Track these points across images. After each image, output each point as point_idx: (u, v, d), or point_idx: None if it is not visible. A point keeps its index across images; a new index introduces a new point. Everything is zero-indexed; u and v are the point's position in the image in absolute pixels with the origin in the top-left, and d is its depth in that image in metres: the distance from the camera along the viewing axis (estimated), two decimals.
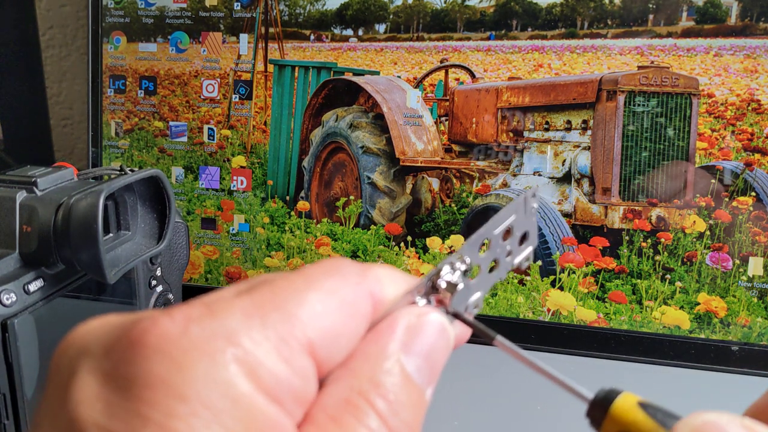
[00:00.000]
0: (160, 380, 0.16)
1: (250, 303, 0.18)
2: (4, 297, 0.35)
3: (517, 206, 0.23)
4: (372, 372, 0.19)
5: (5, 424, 0.36)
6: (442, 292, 0.21)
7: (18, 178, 0.39)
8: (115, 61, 0.71)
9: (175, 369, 0.16)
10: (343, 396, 0.18)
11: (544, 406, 0.54)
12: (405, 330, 0.19)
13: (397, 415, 0.18)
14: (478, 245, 0.22)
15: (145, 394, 0.16)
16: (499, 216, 0.22)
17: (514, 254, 0.23)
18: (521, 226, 0.23)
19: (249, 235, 0.69)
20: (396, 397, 0.18)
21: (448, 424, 0.51)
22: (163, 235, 0.42)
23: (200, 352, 0.17)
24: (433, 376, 0.20)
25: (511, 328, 0.62)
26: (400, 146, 0.65)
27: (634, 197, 0.60)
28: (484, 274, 0.22)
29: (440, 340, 0.20)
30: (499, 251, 0.23)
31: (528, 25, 0.62)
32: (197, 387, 0.16)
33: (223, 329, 0.17)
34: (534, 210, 0.23)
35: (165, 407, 0.16)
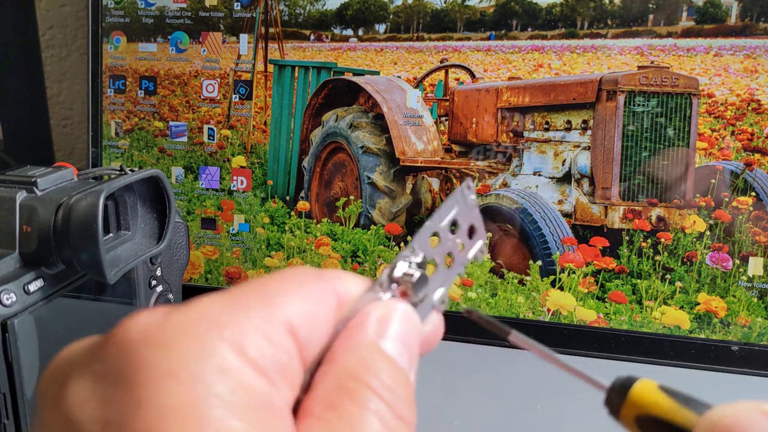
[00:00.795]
0: (148, 363, 0.16)
1: (228, 294, 0.19)
2: (4, 297, 0.35)
3: (456, 198, 0.24)
4: (359, 358, 0.19)
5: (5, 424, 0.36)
6: (403, 284, 0.22)
7: (18, 178, 0.39)
8: (115, 61, 0.71)
9: (160, 351, 0.17)
10: (337, 384, 0.19)
11: (544, 406, 0.54)
12: (377, 320, 0.20)
13: (393, 392, 0.19)
14: (426, 238, 0.23)
15: (135, 378, 0.16)
16: (441, 209, 0.23)
17: (467, 248, 0.24)
18: (465, 219, 0.24)
19: (249, 235, 0.69)
20: (387, 376, 0.19)
21: (448, 424, 0.51)
22: (163, 235, 0.42)
23: (184, 333, 0.17)
24: (412, 359, 0.21)
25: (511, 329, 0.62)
26: (400, 146, 0.65)
27: (634, 197, 0.60)
28: (442, 269, 0.23)
29: (410, 325, 0.21)
30: (451, 245, 0.24)
31: (528, 25, 0.62)
32: (186, 364, 0.16)
33: (204, 314, 0.18)
34: (473, 201, 0.24)
35: (156, 386, 0.16)
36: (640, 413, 0.19)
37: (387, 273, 0.22)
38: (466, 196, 0.24)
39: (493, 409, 0.54)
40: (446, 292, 0.23)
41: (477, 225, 0.24)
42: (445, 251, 0.23)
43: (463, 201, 0.24)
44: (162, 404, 0.16)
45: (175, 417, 0.16)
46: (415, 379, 0.21)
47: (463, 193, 0.24)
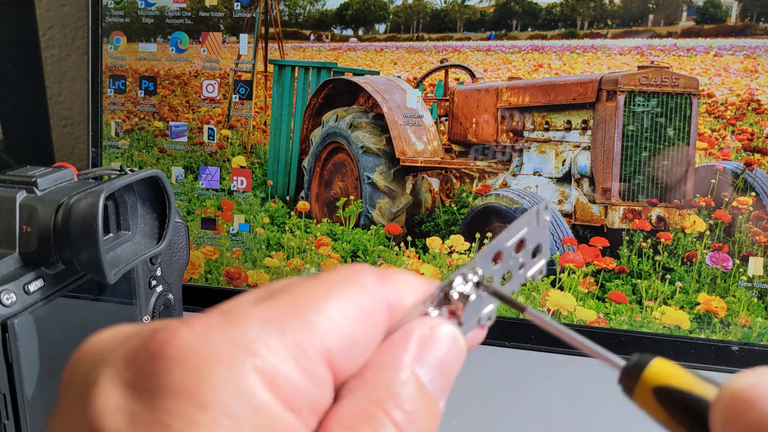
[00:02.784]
0: (181, 389, 0.16)
1: (268, 310, 0.18)
2: (4, 297, 0.35)
3: (530, 218, 0.23)
4: (388, 383, 0.19)
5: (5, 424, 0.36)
6: (455, 302, 0.21)
7: (18, 178, 0.39)
8: (115, 61, 0.71)
9: (195, 378, 0.17)
10: (360, 407, 0.18)
11: (544, 407, 0.54)
12: (418, 341, 0.19)
13: (414, 425, 0.18)
14: (490, 257, 0.22)
15: (166, 403, 0.16)
16: (512, 228, 0.22)
17: (527, 267, 0.23)
18: (534, 239, 0.23)
19: (249, 235, 0.69)
20: (412, 407, 0.19)
21: (448, 424, 0.51)
22: (163, 235, 0.42)
23: (219, 361, 0.17)
24: (446, 387, 0.20)
25: (512, 328, 0.62)
26: (400, 146, 0.65)
27: (634, 197, 0.60)
28: (497, 286, 0.22)
29: (452, 352, 0.20)
30: (512, 263, 0.23)
31: (528, 25, 0.62)
32: (217, 396, 0.16)
33: (241, 338, 0.17)
34: (546, 222, 0.23)
35: (186, 415, 0.16)
36: (659, 384, 0.19)
37: (441, 288, 0.21)
38: (541, 216, 0.23)
39: (493, 410, 0.54)
40: (495, 308, 0.22)
41: (543, 245, 0.23)
42: (504, 270, 0.23)
43: (536, 221, 0.23)
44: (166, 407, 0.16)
45: None
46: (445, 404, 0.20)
47: (538, 213, 0.23)
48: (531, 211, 0.23)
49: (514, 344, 0.62)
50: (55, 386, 0.38)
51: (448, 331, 0.20)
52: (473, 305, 0.21)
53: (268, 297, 0.18)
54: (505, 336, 0.62)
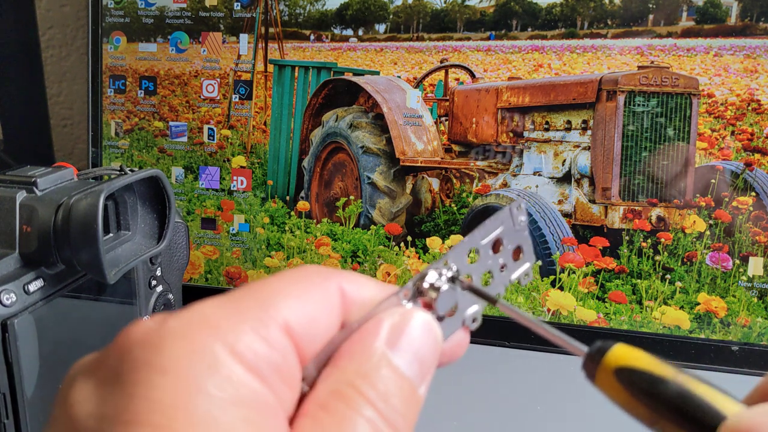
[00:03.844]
0: (142, 362, 0.17)
1: (225, 297, 0.19)
2: (4, 297, 0.35)
3: (503, 218, 0.23)
4: (359, 366, 0.19)
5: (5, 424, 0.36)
6: (427, 294, 0.21)
7: (18, 178, 0.39)
8: (115, 61, 0.71)
9: (154, 351, 0.17)
10: (333, 388, 0.19)
11: (544, 406, 0.54)
12: (390, 328, 0.20)
13: (388, 403, 0.19)
14: (464, 253, 0.22)
15: (129, 377, 0.17)
16: (485, 226, 0.22)
17: (510, 269, 0.23)
18: (512, 240, 0.23)
19: (249, 235, 0.69)
20: (386, 387, 0.19)
21: (448, 424, 0.51)
22: (163, 235, 0.42)
23: (178, 335, 0.18)
24: (424, 372, 0.20)
25: (511, 328, 0.62)
26: (400, 146, 0.65)
27: (634, 197, 0.60)
28: (474, 283, 0.22)
29: (426, 338, 0.20)
30: (491, 263, 0.23)
31: (528, 25, 0.62)
32: (177, 361, 0.17)
33: (199, 316, 0.18)
34: (523, 223, 0.23)
35: (147, 382, 0.17)
36: (620, 365, 0.19)
37: (414, 281, 0.21)
38: (515, 216, 0.23)
39: (493, 410, 0.54)
40: (480, 310, 0.23)
41: (525, 247, 0.24)
42: (483, 269, 0.23)
43: (511, 221, 0.23)
44: (152, 398, 0.17)
45: (163, 409, 0.17)
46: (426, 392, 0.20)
47: (511, 212, 0.23)
48: (504, 210, 0.23)
49: (514, 344, 0.62)
50: (55, 386, 0.38)
51: (421, 318, 0.20)
52: (446, 299, 0.21)
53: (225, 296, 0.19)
54: (505, 336, 0.62)
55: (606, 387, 0.20)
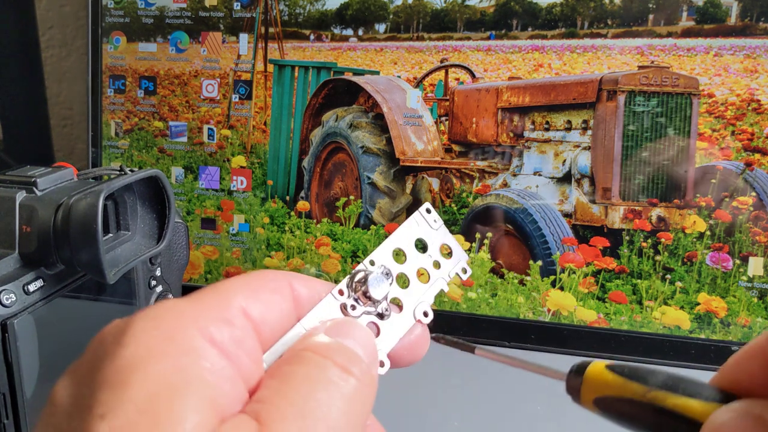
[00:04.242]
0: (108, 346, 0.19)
1: (187, 296, 0.21)
2: (4, 297, 0.35)
3: (417, 220, 0.25)
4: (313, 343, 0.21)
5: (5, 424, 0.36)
6: (359, 290, 0.23)
7: (18, 178, 0.39)
8: (114, 61, 0.71)
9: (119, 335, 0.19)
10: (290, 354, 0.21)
11: (544, 407, 0.54)
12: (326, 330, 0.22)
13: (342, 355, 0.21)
14: (386, 254, 0.24)
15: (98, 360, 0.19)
16: (401, 229, 0.25)
17: (445, 265, 0.26)
18: (435, 240, 0.26)
19: (249, 235, 0.69)
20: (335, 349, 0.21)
21: (448, 424, 0.51)
22: (163, 235, 0.42)
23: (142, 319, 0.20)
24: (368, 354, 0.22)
25: (511, 328, 0.62)
26: (400, 146, 0.65)
27: (635, 197, 0.60)
28: (417, 284, 0.25)
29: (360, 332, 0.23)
30: (421, 261, 0.25)
31: (528, 25, 0.62)
32: (138, 338, 0.19)
33: (162, 307, 0.20)
34: (438, 223, 0.26)
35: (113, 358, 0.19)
36: (596, 396, 0.20)
37: (346, 281, 0.24)
38: (428, 219, 0.26)
39: (493, 410, 0.54)
40: (428, 306, 0.25)
41: (452, 245, 0.26)
42: (415, 267, 0.25)
43: (426, 224, 0.26)
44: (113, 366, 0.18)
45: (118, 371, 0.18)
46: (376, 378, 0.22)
47: (422, 215, 0.25)
48: (414, 214, 0.25)
49: (514, 344, 0.62)
50: None
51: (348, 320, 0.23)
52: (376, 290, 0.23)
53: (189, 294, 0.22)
54: (505, 336, 0.62)
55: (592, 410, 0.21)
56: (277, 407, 0.19)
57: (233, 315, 0.21)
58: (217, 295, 0.21)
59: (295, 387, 0.19)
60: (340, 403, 0.19)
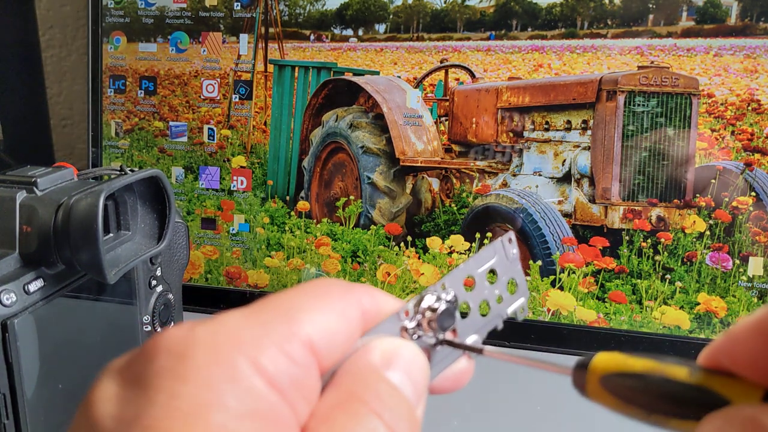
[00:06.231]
0: (165, 369, 0.18)
1: (251, 310, 0.19)
2: (4, 297, 0.35)
3: (496, 248, 0.24)
4: (358, 379, 0.20)
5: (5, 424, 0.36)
6: (426, 315, 0.22)
7: (18, 178, 0.39)
8: (115, 61, 0.71)
9: (179, 359, 0.18)
10: (335, 401, 0.19)
11: (544, 407, 0.54)
12: (381, 352, 0.21)
13: (394, 412, 0.19)
14: (459, 279, 0.23)
15: (152, 382, 0.18)
16: (480, 255, 0.24)
17: (506, 301, 0.25)
18: (505, 271, 0.24)
19: (249, 235, 0.69)
20: (386, 397, 0.19)
21: (448, 424, 0.51)
22: (163, 235, 0.42)
23: (203, 344, 0.18)
24: (418, 392, 0.21)
25: (511, 329, 0.62)
26: (400, 146, 0.65)
27: (634, 197, 0.60)
28: (476, 315, 0.24)
29: (416, 361, 0.21)
30: (487, 293, 0.24)
31: (528, 25, 0.62)
32: (199, 371, 0.18)
33: (225, 328, 0.19)
34: (514, 256, 0.24)
35: (168, 389, 0.17)
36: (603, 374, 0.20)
37: (414, 302, 0.22)
38: (507, 249, 0.24)
39: (493, 410, 0.54)
40: (479, 339, 0.24)
41: (519, 281, 0.25)
42: (480, 298, 0.24)
43: (503, 253, 0.24)
44: (172, 405, 0.17)
45: (181, 417, 0.17)
46: (422, 415, 0.21)
47: (503, 244, 0.24)
48: (496, 241, 0.24)
49: (514, 344, 0.62)
50: (55, 386, 0.38)
51: (410, 345, 0.21)
52: (445, 319, 0.22)
53: (251, 308, 0.20)
54: (505, 336, 0.62)
55: (598, 397, 0.20)
56: None
57: (296, 350, 0.19)
58: (284, 320, 0.19)
59: None
60: None
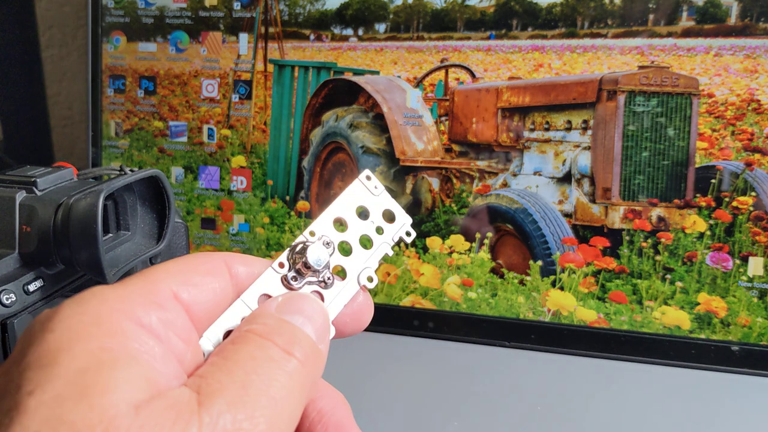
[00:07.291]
0: (35, 333, 0.19)
1: (116, 282, 0.22)
2: (4, 297, 0.35)
3: (353, 190, 0.26)
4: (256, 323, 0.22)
5: None
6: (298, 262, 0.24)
7: (18, 178, 0.39)
8: (114, 61, 0.71)
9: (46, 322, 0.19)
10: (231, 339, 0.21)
11: (544, 407, 0.54)
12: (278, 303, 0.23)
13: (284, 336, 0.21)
14: (326, 223, 0.25)
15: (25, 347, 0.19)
16: (341, 198, 0.25)
17: (389, 230, 0.26)
18: (377, 207, 0.26)
19: (249, 235, 0.69)
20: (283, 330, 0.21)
21: (448, 424, 0.51)
22: (163, 235, 0.42)
23: (67, 306, 0.20)
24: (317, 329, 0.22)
25: (511, 328, 0.62)
26: (400, 146, 0.65)
27: (635, 197, 0.60)
28: (360, 251, 0.25)
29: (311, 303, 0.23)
30: (364, 229, 0.25)
31: (528, 24, 0.62)
32: (64, 322, 0.19)
33: (87, 294, 0.20)
34: (380, 189, 0.26)
35: (40, 342, 0.19)
36: None
37: (286, 254, 0.24)
38: (367, 186, 0.26)
39: (493, 410, 0.54)
40: (372, 271, 0.25)
41: (395, 210, 0.26)
42: (357, 235, 0.25)
43: (366, 190, 0.26)
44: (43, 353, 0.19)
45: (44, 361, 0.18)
46: (327, 349, 0.23)
47: (362, 182, 0.26)
48: (355, 180, 0.26)
49: (514, 344, 0.62)
50: None
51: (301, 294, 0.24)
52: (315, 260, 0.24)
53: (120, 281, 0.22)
54: (505, 336, 0.62)
55: None
56: (218, 380, 0.19)
57: (162, 299, 0.21)
58: (144, 280, 0.21)
59: (237, 362, 0.20)
60: (283, 378, 0.20)
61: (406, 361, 0.59)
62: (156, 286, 0.21)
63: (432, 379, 0.57)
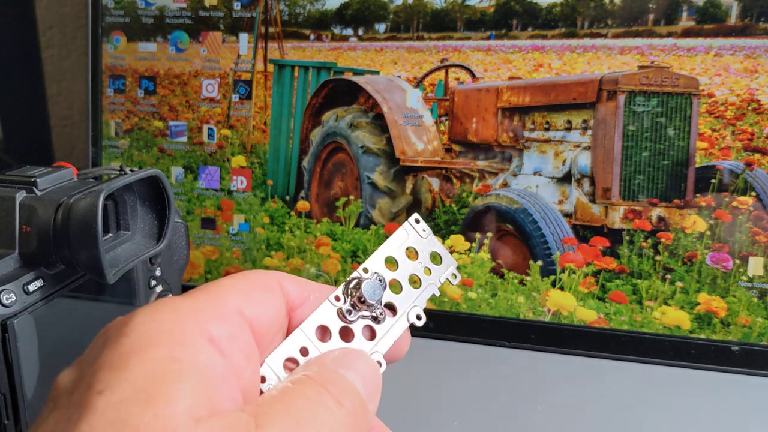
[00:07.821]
0: (110, 337, 0.20)
1: (184, 294, 0.22)
2: (4, 297, 0.35)
3: (406, 230, 0.27)
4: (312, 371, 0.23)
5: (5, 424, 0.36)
6: (354, 296, 0.25)
7: (18, 178, 0.39)
8: (114, 61, 0.71)
9: (121, 327, 0.20)
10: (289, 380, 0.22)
11: (544, 407, 0.54)
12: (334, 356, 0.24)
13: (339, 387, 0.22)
14: (378, 261, 0.26)
15: (99, 349, 0.20)
16: (392, 238, 0.27)
17: (436, 272, 0.28)
18: (425, 248, 0.28)
19: (249, 235, 0.69)
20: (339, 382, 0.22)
21: (448, 424, 0.51)
22: (163, 235, 0.42)
23: (141, 314, 0.21)
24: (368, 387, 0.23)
25: (511, 328, 0.62)
26: (400, 146, 0.65)
27: (635, 197, 0.60)
28: (410, 290, 0.27)
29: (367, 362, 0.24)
30: (413, 268, 0.27)
31: (528, 24, 0.62)
32: (138, 329, 0.20)
33: (161, 303, 0.21)
34: (427, 232, 0.28)
35: (114, 345, 0.20)
36: None
37: (341, 289, 0.25)
38: (416, 229, 0.27)
39: (493, 410, 0.54)
40: (420, 309, 0.27)
41: (441, 252, 0.28)
42: (407, 274, 0.27)
43: (415, 233, 0.27)
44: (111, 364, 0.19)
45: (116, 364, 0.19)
46: (375, 408, 0.24)
47: (411, 225, 0.27)
48: (404, 225, 0.28)
49: (514, 344, 0.62)
50: None
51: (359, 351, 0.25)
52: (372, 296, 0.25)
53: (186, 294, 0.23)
54: (505, 336, 0.62)
55: None
56: (275, 410, 0.20)
57: (228, 313, 0.22)
58: (212, 294, 0.22)
59: (293, 399, 0.21)
60: (332, 422, 0.21)
61: (406, 361, 0.59)
62: (222, 300, 0.22)
63: (432, 379, 0.57)
